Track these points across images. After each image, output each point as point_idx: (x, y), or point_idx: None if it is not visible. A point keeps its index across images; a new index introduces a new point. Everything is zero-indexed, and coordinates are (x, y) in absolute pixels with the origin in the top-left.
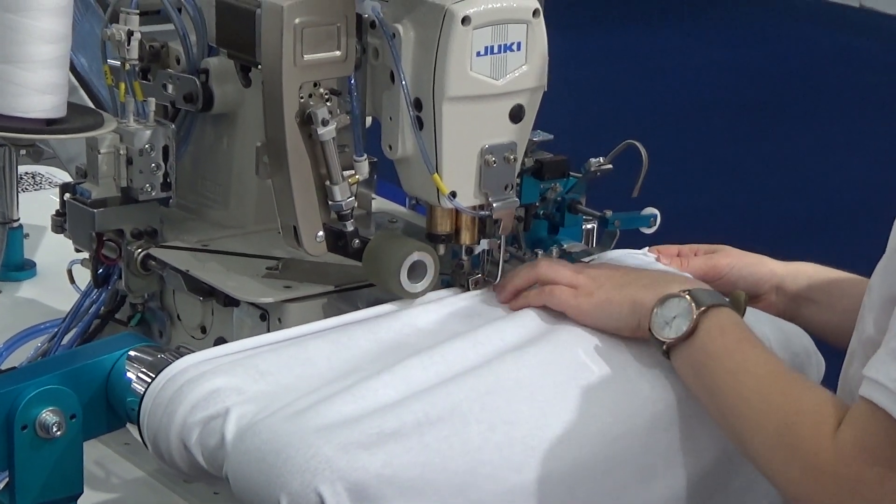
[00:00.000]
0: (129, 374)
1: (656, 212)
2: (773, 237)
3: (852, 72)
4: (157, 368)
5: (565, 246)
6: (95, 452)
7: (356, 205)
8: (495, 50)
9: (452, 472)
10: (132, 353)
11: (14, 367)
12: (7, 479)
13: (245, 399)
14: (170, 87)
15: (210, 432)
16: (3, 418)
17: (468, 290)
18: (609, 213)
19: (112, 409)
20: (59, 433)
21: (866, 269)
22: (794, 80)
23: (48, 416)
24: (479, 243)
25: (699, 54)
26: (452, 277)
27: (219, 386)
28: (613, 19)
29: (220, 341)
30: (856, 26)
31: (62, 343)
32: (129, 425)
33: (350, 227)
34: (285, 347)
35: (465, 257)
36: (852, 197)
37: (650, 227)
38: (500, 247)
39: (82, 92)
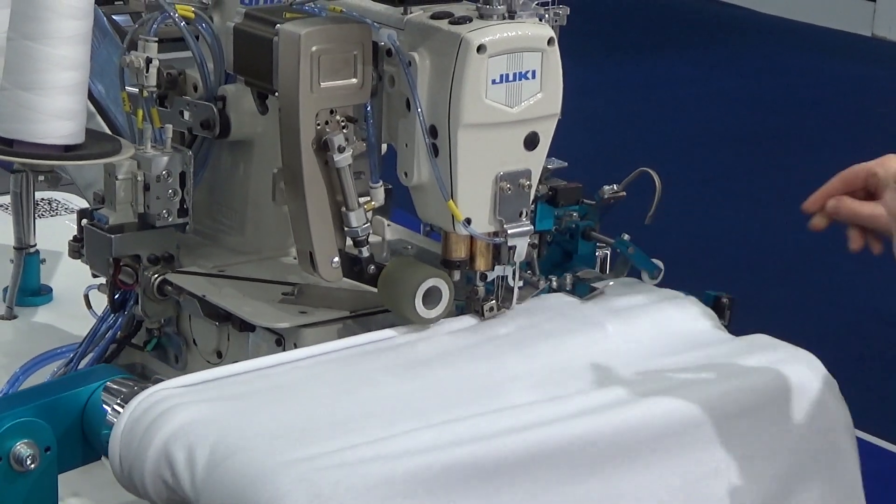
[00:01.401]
0: (105, 406)
1: (662, 266)
2: (784, 265)
3: (864, 101)
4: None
5: (579, 273)
6: (73, 485)
7: (371, 231)
8: (510, 78)
9: None
10: (109, 384)
11: None
12: None
13: (215, 431)
14: (187, 114)
15: (180, 467)
16: None
17: (482, 316)
18: (627, 237)
19: (87, 442)
20: (33, 466)
21: (877, 295)
22: (805, 109)
23: (22, 448)
24: (493, 269)
25: (711, 83)
26: (466, 304)
27: (192, 419)
28: (626, 49)
29: None
30: (867, 55)
31: (79, 368)
32: (104, 458)
33: (366, 253)
34: (259, 378)
35: (479, 284)
36: None
37: (653, 278)
38: (514, 273)
39: (100, 119)
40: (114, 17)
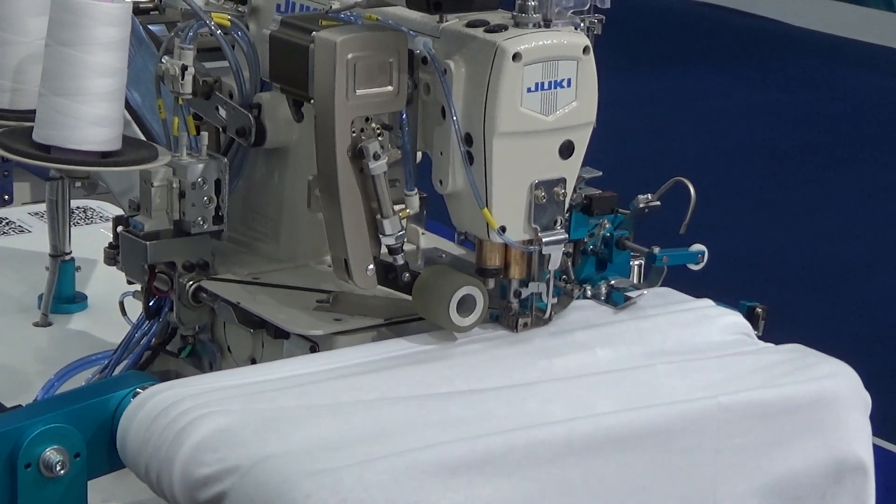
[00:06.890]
0: None
1: (704, 248)
2: (817, 279)
3: None
4: None
5: (613, 282)
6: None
7: (406, 238)
8: (546, 86)
9: None
10: (139, 391)
11: (19, 405)
12: None
13: (243, 442)
14: (223, 111)
15: (209, 476)
16: (6, 456)
17: (516, 330)
18: (657, 249)
19: (117, 449)
20: (62, 472)
21: None
22: (837, 122)
23: (52, 454)
24: (527, 286)
25: (743, 96)
26: (500, 318)
27: (221, 428)
28: (659, 61)
29: None
30: None
31: (114, 374)
32: None
33: (400, 261)
34: (289, 390)
35: (513, 300)
36: None
37: (698, 263)
38: (549, 283)
39: (135, 126)
40: (150, 26)
